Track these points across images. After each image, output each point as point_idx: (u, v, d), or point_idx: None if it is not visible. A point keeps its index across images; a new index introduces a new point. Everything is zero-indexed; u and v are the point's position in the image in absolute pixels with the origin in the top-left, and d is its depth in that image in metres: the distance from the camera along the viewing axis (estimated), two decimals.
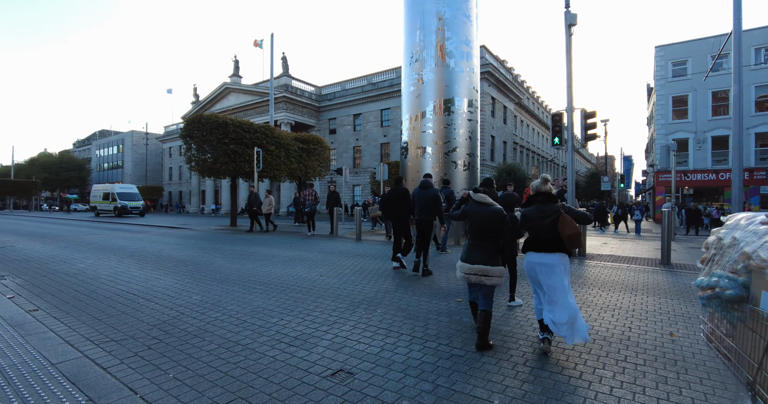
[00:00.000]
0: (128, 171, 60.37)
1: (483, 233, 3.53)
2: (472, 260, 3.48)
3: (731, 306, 1.89)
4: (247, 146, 16.57)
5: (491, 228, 3.51)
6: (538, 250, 3.35)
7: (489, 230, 3.51)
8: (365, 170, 37.27)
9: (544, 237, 3.33)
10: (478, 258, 3.46)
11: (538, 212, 3.37)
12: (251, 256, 8.48)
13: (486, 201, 3.59)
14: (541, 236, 3.35)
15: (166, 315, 4.22)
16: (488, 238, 3.52)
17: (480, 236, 3.54)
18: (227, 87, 43.37)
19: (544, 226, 3.31)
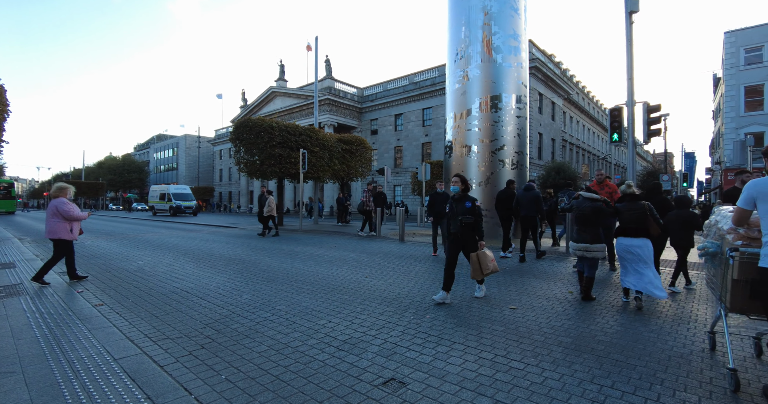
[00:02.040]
0: (182, 173, 64.00)
1: (586, 220, 4.82)
2: (578, 240, 4.83)
3: (713, 258, 3.25)
4: (292, 148, 16.94)
5: (592, 218, 4.81)
6: (628, 235, 4.61)
7: (590, 219, 4.80)
8: (406, 170, 37.14)
9: (632, 226, 4.59)
10: (583, 238, 4.79)
11: (627, 207, 4.66)
12: (298, 255, 8.59)
13: (594, 197, 4.87)
14: (630, 225, 4.61)
15: (218, 314, 4.30)
16: (590, 224, 4.80)
17: (584, 223, 4.83)
18: (273, 91, 44.81)
19: (632, 218, 4.59)
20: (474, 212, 4.61)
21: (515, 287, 5.56)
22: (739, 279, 2.84)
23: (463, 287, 5.53)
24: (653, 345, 3.45)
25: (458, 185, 4.75)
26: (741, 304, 2.90)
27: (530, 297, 5.03)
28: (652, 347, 3.42)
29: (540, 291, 5.36)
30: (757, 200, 2.58)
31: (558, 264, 7.62)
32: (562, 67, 42.61)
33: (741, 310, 2.94)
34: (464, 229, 4.64)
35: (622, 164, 63.75)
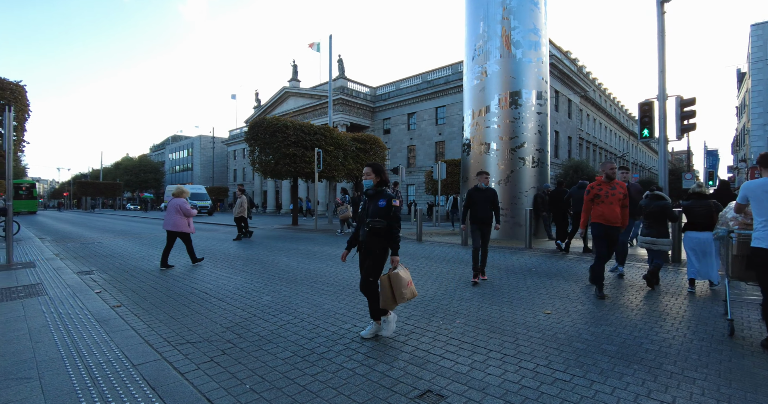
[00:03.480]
0: (197, 173, 64.75)
1: (654, 218, 5.43)
2: (645, 235, 5.50)
3: (722, 240, 4.00)
4: (306, 147, 16.84)
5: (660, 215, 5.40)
6: (696, 229, 5.13)
7: (658, 216, 5.41)
8: (419, 169, 36.83)
9: (700, 221, 5.09)
10: (650, 233, 5.45)
11: (696, 204, 5.13)
12: (315, 255, 8.43)
13: (662, 196, 5.47)
14: (697, 220, 5.11)
15: (239, 317, 4.14)
16: (657, 221, 5.41)
17: (652, 220, 5.45)
18: (286, 91, 44.94)
19: (701, 214, 5.08)
20: (388, 214, 3.36)
21: (545, 290, 5.30)
22: (738, 254, 3.79)
23: (491, 290, 5.28)
24: (708, 356, 3.17)
25: (371, 178, 3.52)
26: (739, 273, 3.83)
27: (563, 301, 4.76)
28: (707, 358, 3.14)
29: (573, 294, 5.08)
30: (749, 198, 3.39)
31: (586, 265, 7.31)
32: (579, 63, 41.79)
33: (739, 278, 3.86)
34: (372, 237, 3.38)
35: (640, 162, 62.39)
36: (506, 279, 5.99)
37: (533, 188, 11.72)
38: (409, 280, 3.47)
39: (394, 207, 3.39)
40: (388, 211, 3.38)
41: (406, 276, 3.44)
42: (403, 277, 3.39)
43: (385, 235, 3.38)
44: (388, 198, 3.40)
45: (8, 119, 8.29)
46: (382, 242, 3.39)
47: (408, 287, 3.41)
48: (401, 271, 3.42)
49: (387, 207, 3.38)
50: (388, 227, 3.37)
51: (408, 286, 3.42)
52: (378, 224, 3.35)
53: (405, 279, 3.40)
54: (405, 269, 3.50)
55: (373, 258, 3.40)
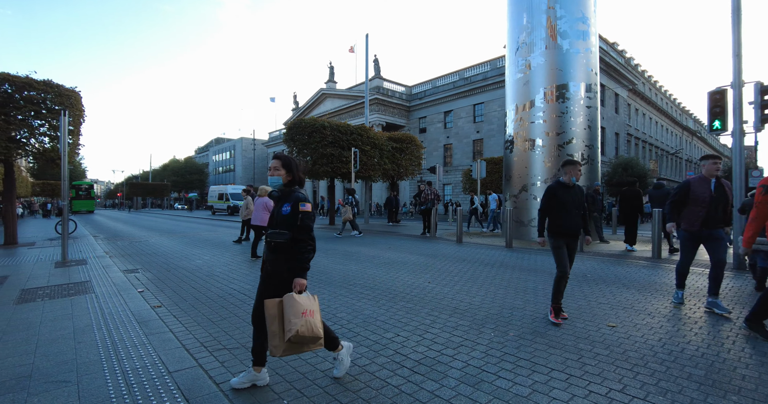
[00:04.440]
0: (239, 174, 67.00)
1: None
2: None
3: None
4: (343, 148, 16.80)
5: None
6: None
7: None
8: (456, 168, 36.12)
9: None
10: None
11: None
12: (353, 256, 8.26)
13: None
14: None
15: None
16: None
17: None
18: (323, 93, 45.50)
19: None
20: (292, 224, 2.48)
21: (606, 300, 4.80)
22: None
23: (545, 298, 4.85)
24: None
25: (279, 174, 2.64)
26: None
27: (628, 313, 4.26)
28: None
29: (638, 305, 4.56)
30: None
31: (648, 272, 6.65)
32: (626, 55, 39.47)
33: None
34: (274, 254, 2.53)
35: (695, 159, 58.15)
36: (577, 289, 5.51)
37: (583, 186, 10.98)
38: (312, 310, 2.43)
39: (302, 213, 2.47)
40: (293, 219, 2.47)
41: (307, 304, 2.43)
42: (299, 302, 2.38)
43: (287, 251, 2.48)
44: (295, 201, 2.51)
45: (64, 123, 8.68)
46: (287, 262, 2.48)
47: (302, 317, 2.34)
48: (301, 298, 2.43)
49: (292, 214, 2.48)
50: (294, 241, 2.46)
51: (302, 316, 2.35)
52: (278, 238, 2.47)
53: (300, 305, 2.38)
54: (312, 298, 2.52)
55: (276, 284, 2.51)
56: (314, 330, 2.39)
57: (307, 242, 2.47)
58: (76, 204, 39.26)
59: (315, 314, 2.45)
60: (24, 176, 30.98)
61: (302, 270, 2.47)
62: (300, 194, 2.59)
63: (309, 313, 2.40)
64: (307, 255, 2.47)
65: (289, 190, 2.64)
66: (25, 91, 10.04)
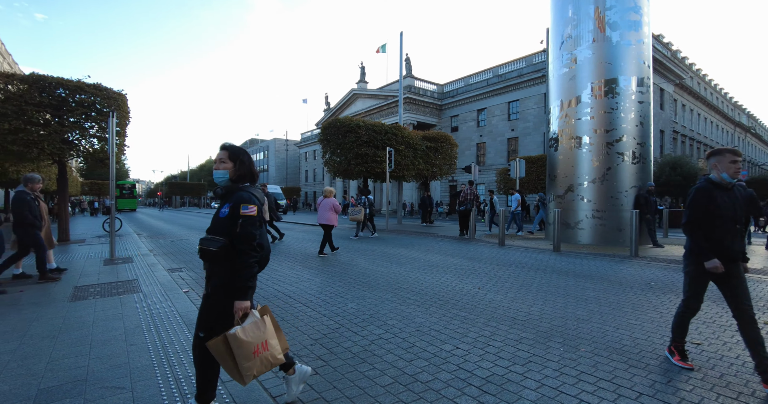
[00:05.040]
0: (272, 174, 68.42)
1: None
2: None
3: None
4: (377, 147, 16.65)
5: None
6: None
7: None
8: (490, 167, 35.28)
9: None
10: None
11: None
12: (392, 258, 8.05)
13: None
14: None
15: (325, 326, 3.82)
16: None
17: None
18: (355, 93, 45.65)
19: None
20: (229, 229, 2.03)
21: None
22: None
23: (610, 308, 4.46)
24: None
25: (226, 167, 2.19)
26: None
27: (712, 328, 3.82)
28: None
29: (720, 320, 4.09)
30: None
31: None
32: (672, 47, 37.30)
33: None
34: (208, 264, 2.09)
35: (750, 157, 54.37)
36: (623, 294, 5.08)
37: (634, 187, 10.32)
38: (263, 342, 2.01)
39: (242, 218, 2.00)
40: (232, 224, 2.02)
41: (255, 336, 1.98)
42: (245, 340, 1.94)
43: (225, 263, 2.01)
44: (237, 202, 2.05)
45: (112, 125, 8.93)
46: (224, 275, 2.02)
47: (254, 357, 1.96)
48: (248, 328, 1.97)
49: (230, 217, 2.04)
50: (229, 251, 2.00)
51: (255, 355, 1.96)
52: (208, 245, 2.01)
53: (249, 344, 1.95)
54: (260, 322, 2.03)
55: (213, 304, 2.06)
56: (273, 361, 2.06)
57: (248, 253, 1.98)
58: (120, 203, 41.20)
59: (269, 342, 2.02)
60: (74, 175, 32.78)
61: (243, 291, 1.98)
62: (243, 193, 2.09)
63: (262, 347, 1.98)
64: (248, 271, 1.97)
65: (234, 187, 2.16)
66: (78, 94, 10.45)
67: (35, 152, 9.93)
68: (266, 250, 2.17)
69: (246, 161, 2.23)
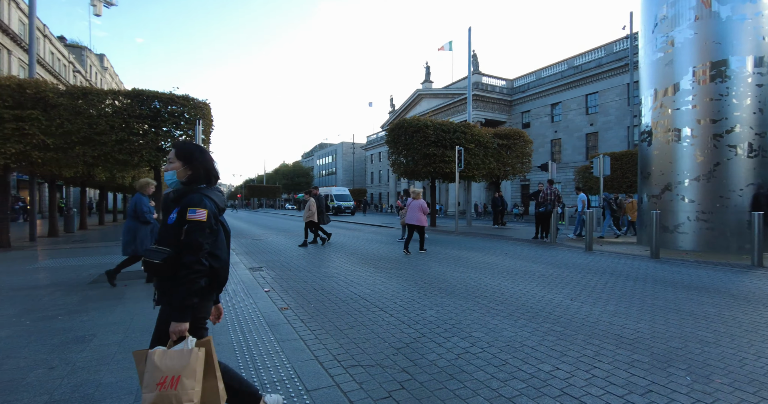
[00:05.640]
0: (340, 176, 70.60)
1: None
2: None
3: None
4: (446, 146, 16.25)
5: None
6: None
7: None
8: (566, 165, 33.01)
9: None
10: None
11: None
12: (467, 263, 7.68)
13: None
14: None
15: (406, 335, 3.63)
16: None
17: None
18: (420, 93, 45.42)
19: None
20: (175, 238, 1.77)
21: None
22: None
23: (740, 330, 3.74)
24: None
25: (175, 168, 1.93)
26: None
27: None
28: None
29: None
30: None
31: None
32: None
33: None
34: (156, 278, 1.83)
35: None
36: (755, 313, 4.27)
37: (751, 185, 8.87)
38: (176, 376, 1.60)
39: (188, 224, 1.74)
40: (176, 231, 1.77)
41: (173, 366, 1.61)
42: (158, 366, 1.61)
43: (171, 280, 1.75)
44: (185, 206, 1.79)
45: (198, 132, 9.62)
46: (166, 295, 1.80)
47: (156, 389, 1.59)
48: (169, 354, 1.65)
49: (177, 224, 1.78)
50: (176, 263, 1.73)
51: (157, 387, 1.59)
52: (152, 257, 1.73)
53: (160, 371, 1.61)
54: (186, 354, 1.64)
55: (159, 318, 1.85)
56: None
57: (191, 266, 1.69)
58: None
59: (182, 380, 1.59)
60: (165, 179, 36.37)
61: (179, 310, 1.69)
62: (194, 195, 1.81)
63: (171, 382, 1.59)
64: (189, 287, 1.68)
65: (187, 190, 1.87)
66: (169, 106, 11.44)
67: (136, 159, 11.03)
68: (222, 263, 1.87)
69: (198, 159, 1.92)
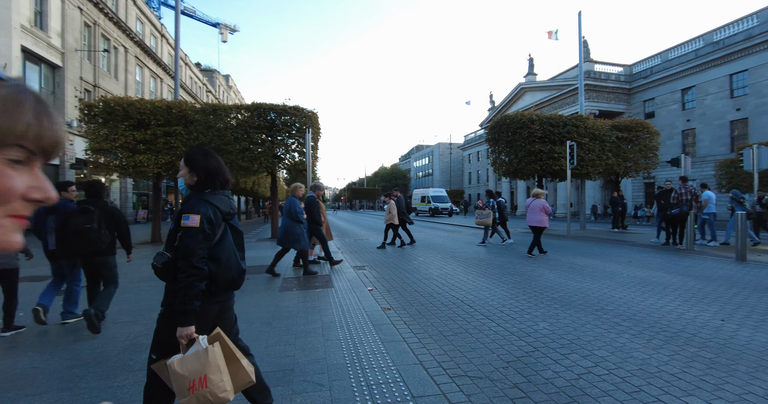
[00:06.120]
0: (437, 177, 70.34)
1: None
2: None
3: None
4: (554, 142, 15.00)
5: None
6: None
7: None
8: (702, 159, 28.13)
9: None
10: None
11: None
12: (583, 271, 6.93)
13: None
14: None
15: (516, 347, 3.36)
16: None
17: None
18: (522, 87, 42.97)
19: None
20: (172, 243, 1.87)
21: None
22: None
23: None
24: None
25: (182, 174, 1.97)
26: None
27: None
28: None
29: None
30: None
31: None
32: None
33: None
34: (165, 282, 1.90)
35: None
36: None
37: None
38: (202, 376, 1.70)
39: (182, 230, 1.81)
40: (174, 236, 1.85)
41: (194, 370, 1.71)
42: (181, 374, 1.70)
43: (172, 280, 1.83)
44: (180, 213, 1.85)
45: (308, 140, 10.34)
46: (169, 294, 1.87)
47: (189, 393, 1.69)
48: (187, 359, 1.73)
49: (175, 229, 1.86)
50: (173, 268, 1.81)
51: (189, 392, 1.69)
52: (157, 260, 1.84)
53: (184, 378, 1.70)
54: (202, 354, 1.74)
55: (160, 320, 1.90)
56: (214, 400, 1.70)
57: (185, 271, 1.75)
58: None
59: (209, 377, 1.70)
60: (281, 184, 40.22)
61: (182, 315, 1.76)
62: (192, 200, 1.88)
63: (200, 383, 1.69)
64: (186, 292, 1.73)
65: (192, 195, 1.95)
66: (283, 116, 12.53)
67: (256, 166, 12.31)
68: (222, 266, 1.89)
69: (201, 164, 1.95)
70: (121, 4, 23.21)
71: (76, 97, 17.72)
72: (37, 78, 16.37)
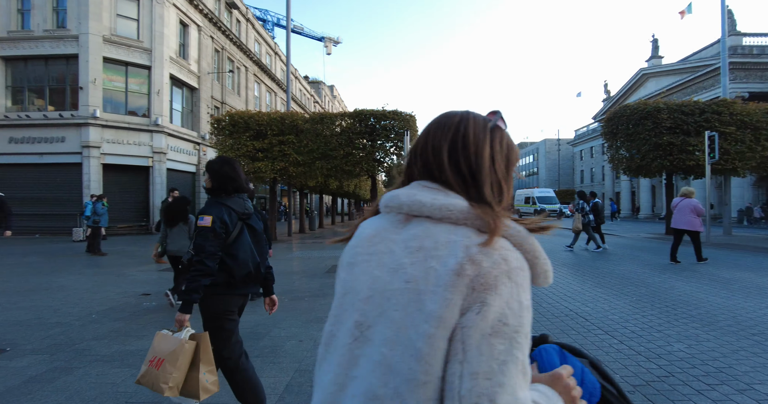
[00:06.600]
0: (542, 176, 65.71)
1: None
2: None
3: None
4: (687, 133, 12.89)
5: None
6: None
7: None
8: None
9: None
10: None
11: None
12: (731, 285, 5.80)
13: None
14: None
15: (645, 370, 2.93)
16: None
17: None
18: (644, 73, 37.93)
19: None
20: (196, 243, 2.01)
21: None
22: None
23: None
24: None
25: (206, 180, 2.22)
26: None
27: None
28: None
29: None
30: None
31: None
32: None
33: None
34: None
35: None
36: None
37: None
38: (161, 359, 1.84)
39: (197, 229, 2.04)
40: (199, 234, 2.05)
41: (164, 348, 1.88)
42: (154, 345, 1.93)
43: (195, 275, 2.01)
44: (200, 214, 2.08)
45: (407, 143, 10.50)
46: None
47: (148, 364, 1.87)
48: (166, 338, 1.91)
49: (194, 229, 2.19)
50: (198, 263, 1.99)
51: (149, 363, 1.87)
52: (185, 257, 2.37)
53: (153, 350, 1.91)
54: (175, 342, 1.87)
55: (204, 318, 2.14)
56: (155, 387, 1.82)
57: (195, 266, 1.96)
58: None
59: (165, 364, 1.83)
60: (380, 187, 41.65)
61: (185, 304, 1.96)
62: (206, 205, 2.12)
63: (157, 362, 1.85)
64: (193, 284, 1.93)
65: (210, 200, 2.18)
66: (382, 120, 12.92)
67: (358, 170, 12.90)
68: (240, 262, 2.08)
69: (218, 171, 2.16)
70: (242, 29, 26.44)
71: (208, 113, 20.66)
72: (180, 100, 19.53)
